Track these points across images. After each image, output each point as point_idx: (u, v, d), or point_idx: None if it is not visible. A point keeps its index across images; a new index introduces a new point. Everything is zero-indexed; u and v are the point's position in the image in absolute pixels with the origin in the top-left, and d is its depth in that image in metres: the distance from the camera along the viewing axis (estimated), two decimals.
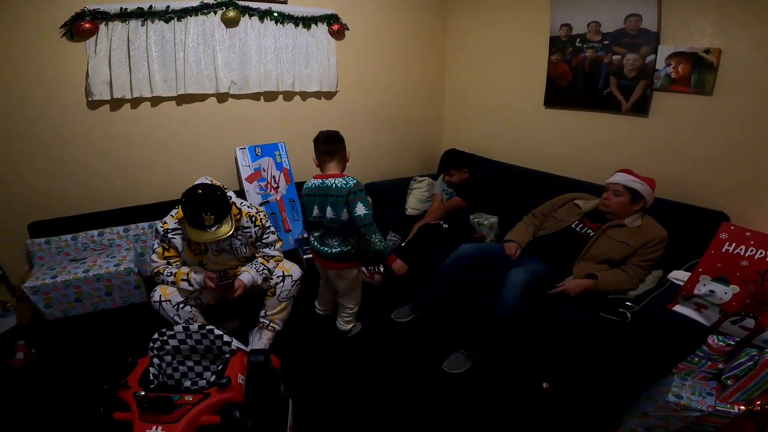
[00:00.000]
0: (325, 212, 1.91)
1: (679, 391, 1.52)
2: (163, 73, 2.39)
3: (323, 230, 1.98)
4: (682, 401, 1.49)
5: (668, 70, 2.12)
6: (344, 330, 2.19)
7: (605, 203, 2.03)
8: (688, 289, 1.59)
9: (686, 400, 1.49)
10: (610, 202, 2.01)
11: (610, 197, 2.01)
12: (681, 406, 1.48)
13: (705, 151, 2.10)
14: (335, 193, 1.86)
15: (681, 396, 1.50)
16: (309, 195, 1.97)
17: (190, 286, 1.80)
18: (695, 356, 1.58)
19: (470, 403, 1.81)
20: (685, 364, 1.60)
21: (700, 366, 1.57)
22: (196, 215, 1.66)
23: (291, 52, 2.71)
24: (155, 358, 1.49)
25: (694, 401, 1.48)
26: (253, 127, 2.80)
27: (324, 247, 1.99)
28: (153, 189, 2.56)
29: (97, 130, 2.36)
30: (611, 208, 2.01)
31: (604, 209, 2.04)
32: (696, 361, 1.58)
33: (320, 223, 1.97)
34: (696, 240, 1.94)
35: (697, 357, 1.58)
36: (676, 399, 1.49)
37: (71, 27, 2.13)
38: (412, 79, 3.35)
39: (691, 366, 1.59)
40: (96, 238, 2.34)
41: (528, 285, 1.90)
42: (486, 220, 2.54)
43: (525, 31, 2.77)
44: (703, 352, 1.57)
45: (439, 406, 1.80)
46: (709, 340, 1.55)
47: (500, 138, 3.12)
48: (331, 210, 1.88)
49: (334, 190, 1.86)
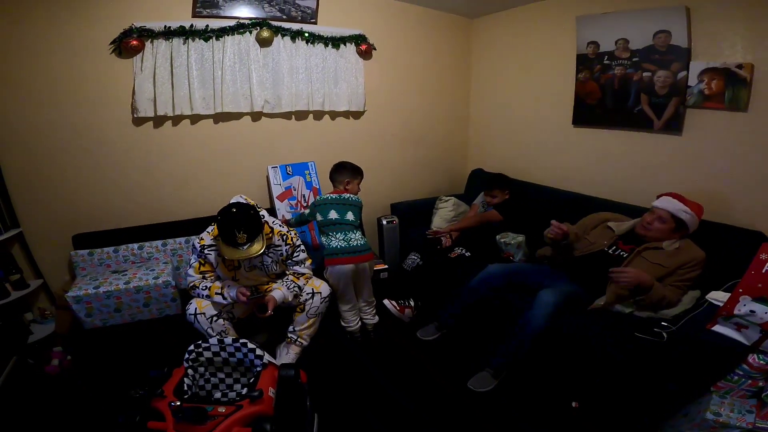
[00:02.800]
0: (345, 215, 2.29)
1: (717, 409, 1.49)
2: (202, 91, 2.51)
3: (343, 231, 2.26)
4: (720, 419, 1.46)
5: (701, 87, 2.08)
6: (374, 323, 2.41)
7: (648, 227, 1.96)
8: (728, 309, 1.55)
9: (725, 418, 1.46)
10: (652, 227, 1.94)
11: (653, 222, 1.94)
12: (720, 423, 1.46)
13: (741, 169, 2.04)
14: (354, 203, 2.35)
15: (720, 414, 1.47)
16: (326, 203, 2.31)
17: (224, 299, 1.87)
18: (735, 375, 1.54)
19: (496, 422, 1.79)
20: (724, 383, 1.55)
21: (740, 384, 1.52)
22: (230, 233, 1.72)
23: (321, 72, 2.79)
24: (190, 369, 1.53)
25: (733, 419, 1.45)
26: (285, 145, 2.88)
27: (354, 243, 2.25)
28: (190, 205, 2.65)
29: (141, 146, 2.48)
30: (654, 234, 1.94)
31: (645, 233, 1.97)
32: (736, 379, 1.54)
33: (333, 225, 2.27)
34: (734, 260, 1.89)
35: (737, 375, 1.54)
36: (715, 417, 1.47)
37: (120, 44, 2.26)
38: (438, 98, 3.38)
39: (730, 384, 1.54)
40: (136, 251, 2.43)
41: (558, 306, 1.87)
42: (513, 239, 2.51)
43: (551, 49, 2.77)
44: (743, 371, 1.52)
45: (464, 424, 1.78)
46: (750, 359, 1.50)
47: (527, 158, 3.10)
48: (352, 214, 2.31)
49: (351, 201, 2.34)
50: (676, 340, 1.71)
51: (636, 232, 2.01)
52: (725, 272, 1.82)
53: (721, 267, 1.87)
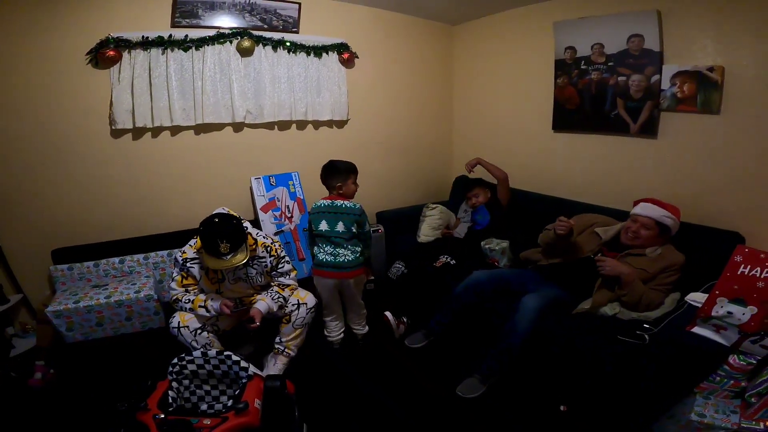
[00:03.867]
0: (334, 227, 2.16)
1: (702, 410, 1.51)
2: (182, 102, 2.48)
3: (332, 245, 2.17)
4: (705, 420, 1.47)
5: (674, 90, 2.12)
6: (363, 333, 2.37)
7: (634, 237, 1.97)
8: (705, 311, 1.58)
9: (710, 419, 1.47)
10: (639, 237, 1.95)
11: (639, 231, 1.95)
12: (704, 424, 1.47)
13: (716, 170, 2.08)
14: (347, 212, 2.18)
15: (704, 415, 1.49)
16: (319, 212, 2.20)
17: (207, 312, 1.86)
18: (717, 375, 1.56)
19: (486, 427, 1.79)
20: (707, 384, 1.58)
21: (723, 385, 1.55)
22: (213, 243, 1.73)
23: (303, 81, 2.79)
24: (174, 382, 1.53)
25: (717, 419, 1.47)
26: (268, 156, 2.86)
27: (340, 258, 2.15)
28: (172, 217, 2.62)
29: (120, 158, 2.44)
30: (640, 242, 1.96)
31: (631, 242, 1.98)
32: (718, 380, 1.56)
33: (323, 237, 2.18)
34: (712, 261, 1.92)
35: (718, 376, 1.56)
36: (699, 418, 1.48)
37: (96, 54, 2.23)
38: (421, 106, 3.41)
39: (713, 385, 1.56)
40: (117, 265, 2.40)
41: (542, 311, 1.89)
42: (497, 245, 2.53)
43: (530, 55, 2.81)
44: (724, 372, 1.55)
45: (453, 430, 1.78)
46: (730, 360, 1.53)
47: (510, 164, 3.05)
48: (343, 224, 2.16)
49: (344, 209, 2.18)
50: (658, 342, 1.73)
51: (622, 243, 2.02)
52: (704, 273, 1.85)
53: (699, 268, 1.90)
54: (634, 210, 2.02)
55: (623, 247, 2.02)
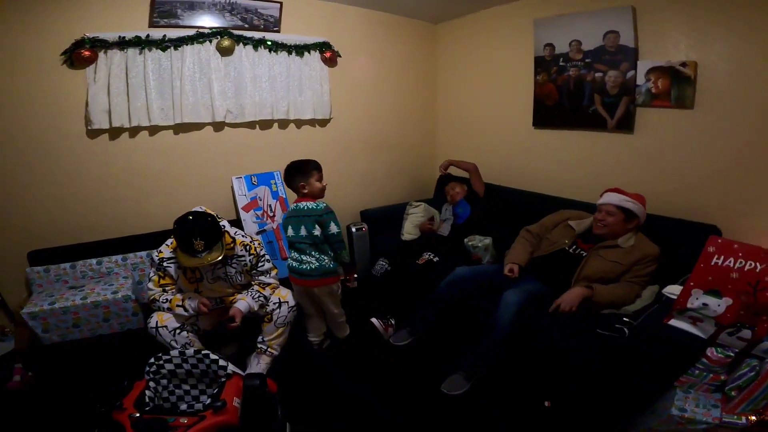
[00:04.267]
0: (298, 232, 2.10)
1: (682, 404, 1.51)
2: (160, 102, 2.45)
3: (296, 250, 2.14)
4: (686, 414, 1.47)
5: (649, 86, 2.16)
6: (345, 335, 2.33)
7: (602, 224, 2.01)
8: (681, 303, 1.58)
9: (690, 413, 1.47)
10: (606, 223, 1.99)
11: (605, 219, 1.99)
12: (685, 419, 1.47)
13: (691, 164, 2.12)
14: (307, 214, 2.09)
15: (685, 409, 1.49)
16: (288, 217, 2.17)
17: (185, 311, 1.84)
18: (696, 369, 1.57)
19: (471, 424, 1.79)
20: (686, 377, 1.58)
21: (702, 378, 1.56)
22: (187, 241, 1.72)
23: (285, 80, 2.77)
24: (151, 382, 1.51)
25: (699, 414, 1.47)
26: (249, 155, 2.84)
27: (303, 266, 2.10)
28: (151, 218, 2.58)
29: (97, 159, 2.40)
30: (608, 229, 1.99)
31: (602, 231, 2.01)
32: (697, 373, 1.57)
33: (290, 243, 2.15)
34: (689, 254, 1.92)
35: (698, 370, 1.57)
36: (680, 412, 1.48)
37: (71, 55, 2.19)
38: (405, 104, 3.41)
39: (692, 379, 1.57)
40: (95, 267, 2.36)
41: (522, 305, 1.90)
42: (480, 242, 2.54)
43: (511, 52, 2.84)
44: (703, 365, 1.55)
45: (439, 427, 1.78)
46: (708, 353, 1.54)
47: (492, 160, 3.14)
48: (305, 228, 2.09)
49: (305, 211, 2.10)
50: (637, 336, 1.74)
51: (594, 234, 2.06)
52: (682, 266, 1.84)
53: (677, 261, 1.91)
54: (598, 201, 2.08)
55: (597, 239, 2.05)
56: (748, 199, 1.96)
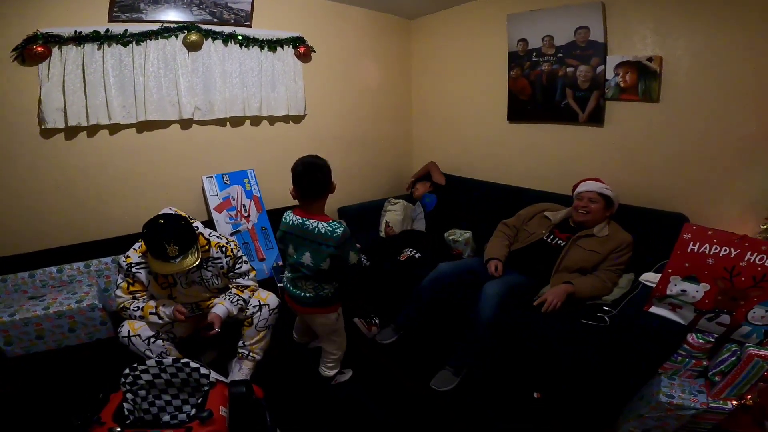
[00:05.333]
0: (301, 257, 1.70)
1: (669, 390, 1.52)
2: (121, 99, 2.31)
3: (292, 271, 1.81)
4: (674, 400, 1.49)
5: (617, 80, 2.22)
6: (326, 376, 1.97)
7: (585, 211, 2.05)
8: (660, 290, 1.62)
9: (678, 399, 1.49)
10: (590, 210, 2.04)
11: (588, 206, 2.04)
12: (674, 405, 1.49)
13: (658, 155, 2.20)
14: (319, 240, 1.64)
15: (672, 395, 1.50)
16: (286, 232, 1.76)
17: (160, 319, 1.72)
18: (678, 355, 1.59)
19: (463, 418, 1.79)
20: (670, 364, 1.61)
21: (685, 365, 1.58)
22: (159, 246, 1.59)
23: (257, 76, 2.69)
24: (128, 393, 1.41)
25: (686, 400, 1.48)
26: (220, 154, 2.73)
27: (296, 290, 1.81)
28: (114, 222, 2.44)
29: (52, 160, 2.24)
30: (591, 215, 2.04)
31: (585, 218, 2.06)
32: (680, 360, 1.59)
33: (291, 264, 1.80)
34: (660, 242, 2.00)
35: (680, 356, 1.59)
36: (668, 399, 1.49)
37: (23, 51, 2.04)
38: (380, 100, 3.39)
39: (676, 365, 1.60)
40: (55, 275, 2.22)
41: (503, 296, 1.92)
42: (461, 236, 2.57)
43: (485, 48, 2.87)
44: (685, 351, 1.58)
45: (431, 424, 1.77)
46: (689, 339, 1.56)
47: (468, 155, 3.18)
48: (310, 257, 1.67)
49: (316, 236, 1.64)
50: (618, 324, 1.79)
51: (575, 221, 2.11)
52: (653, 254, 1.95)
53: (649, 249, 1.99)
54: (577, 190, 2.14)
55: (573, 229, 2.11)
56: (711, 187, 2.06)
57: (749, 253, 1.45)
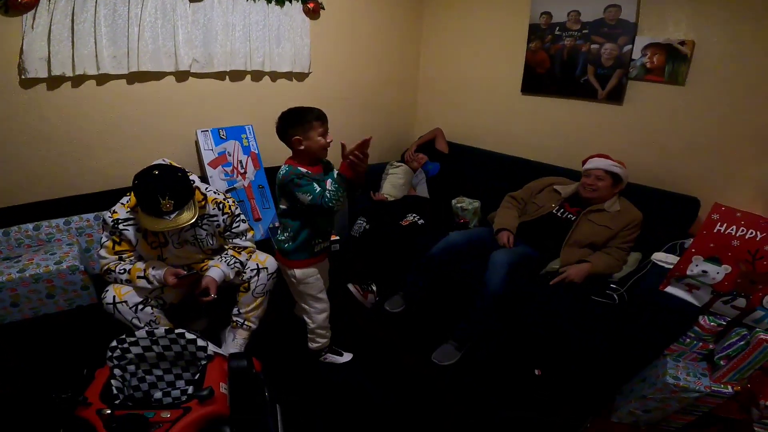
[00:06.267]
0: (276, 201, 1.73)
1: (675, 372, 1.53)
2: (112, 50, 2.13)
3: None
4: (680, 383, 1.49)
5: (644, 60, 2.19)
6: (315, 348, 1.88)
7: (592, 189, 2.05)
8: (680, 270, 1.61)
9: (684, 382, 1.50)
10: (597, 188, 2.03)
11: (596, 183, 2.03)
12: (680, 387, 1.49)
13: (676, 138, 2.18)
14: (277, 181, 1.64)
15: (678, 377, 1.51)
16: None
17: (149, 284, 1.58)
18: (687, 337, 1.59)
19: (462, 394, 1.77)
20: (677, 346, 1.61)
21: (692, 347, 1.59)
22: (152, 200, 1.44)
23: (262, 30, 2.52)
24: (116, 369, 1.30)
25: (691, 382, 1.50)
26: (217, 108, 2.58)
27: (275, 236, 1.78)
28: (99, 175, 2.27)
29: (32, 110, 2.05)
30: (598, 193, 2.03)
31: (591, 195, 2.05)
32: (687, 342, 1.59)
33: None
34: (671, 223, 2.03)
35: (688, 338, 1.59)
36: (675, 380, 1.50)
37: (6, 1, 1.83)
38: (387, 63, 3.27)
39: (682, 347, 1.60)
40: (31, 233, 2.04)
41: (512, 265, 1.89)
42: (470, 205, 2.55)
43: (504, 18, 2.78)
44: (694, 333, 1.58)
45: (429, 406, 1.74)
46: (701, 321, 1.56)
47: (474, 123, 3.12)
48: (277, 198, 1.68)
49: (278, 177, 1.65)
50: (628, 302, 1.78)
51: (583, 197, 2.09)
52: (663, 235, 1.96)
53: (658, 229, 2.00)
54: (585, 166, 2.12)
55: (583, 203, 2.10)
56: (726, 174, 2.06)
57: None
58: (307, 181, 1.55)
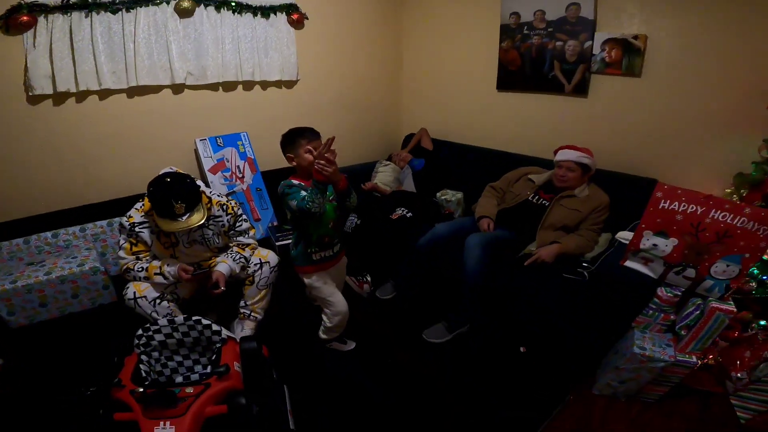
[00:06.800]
0: None
1: (641, 343, 1.64)
2: (111, 65, 2.28)
3: None
4: (646, 352, 1.60)
5: (603, 55, 2.34)
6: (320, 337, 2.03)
7: (563, 179, 2.19)
8: (635, 245, 1.76)
9: (650, 352, 1.60)
10: (567, 178, 2.18)
11: (567, 174, 2.18)
12: (647, 357, 1.60)
13: (636, 126, 2.36)
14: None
15: (645, 348, 1.62)
16: None
17: (165, 279, 1.75)
18: (649, 309, 1.71)
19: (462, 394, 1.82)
20: (642, 318, 1.73)
21: (655, 318, 1.71)
22: (166, 204, 1.62)
23: (250, 42, 2.67)
24: (143, 355, 1.44)
25: (656, 352, 1.60)
26: (213, 117, 2.74)
27: None
28: (107, 186, 2.44)
29: (40, 126, 2.21)
30: (569, 182, 2.18)
31: (563, 185, 2.20)
32: (651, 313, 1.71)
33: None
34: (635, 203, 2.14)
35: (651, 310, 1.71)
36: (641, 350, 1.61)
37: (7, 20, 1.98)
38: (371, 67, 3.41)
39: (647, 319, 1.72)
40: (50, 240, 2.20)
41: (486, 247, 2.04)
42: (453, 196, 2.71)
43: (478, 19, 2.92)
44: (655, 305, 1.70)
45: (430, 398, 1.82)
46: (659, 292, 1.69)
47: (456, 120, 3.28)
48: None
49: None
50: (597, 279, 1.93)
51: (555, 186, 2.25)
52: (629, 214, 2.10)
53: (624, 210, 2.15)
54: (557, 158, 2.25)
55: (555, 189, 2.25)
56: (683, 156, 2.23)
57: (713, 210, 1.60)
58: (295, 190, 1.70)
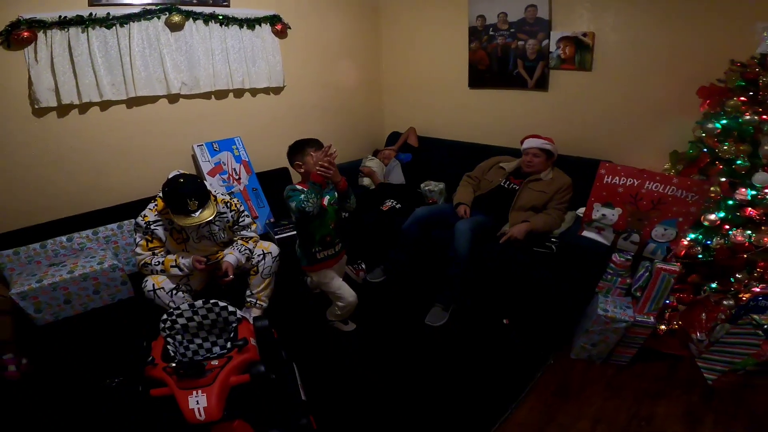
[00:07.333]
0: None
1: (604, 305, 1.85)
2: (110, 78, 2.41)
3: None
4: (609, 314, 1.81)
5: (559, 52, 2.61)
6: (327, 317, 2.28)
7: (530, 165, 2.43)
8: (588, 216, 2.05)
9: (612, 313, 1.80)
10: (533, 163, 2.42)
11: (533, 160, 2.42)
12: (609, 318, 1.80)
13: (591, 115, 2.64)
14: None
15: (607, 310, 1.82)
16: None
17: (181, 271, 1.93)
18: (608, 274, 1.94)
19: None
20: (603, 283, 1.96)
21: (614, 283, 1.93)
22: (181, 202, 1.81)
23: (238, 52, 2.83)
24: (168, 338, 1.56)
25: (618, 313, 1.80)
26: (208, 124, 2.89)
27: None
28: (112, 192, 2.57)
29: (47, 137, 2.33)
30: (535, 167, 2.43)
31: (530, 169, 2.45)
32: (609, 278, 1.94)
33: None
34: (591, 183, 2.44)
35: (609, 275, 1.94)
36: (604, 312, 1.81)
37: (8, 36, 2.10)
38: (352, 72, 3.60)
39: (607, 284, 1.95)
40: (66, 244, 2.32)
41: (474, 231, 2.27)
42: (435, 186, 2.95)
43: (449, 23, 3.14)
44: (612, 269, 1.93)
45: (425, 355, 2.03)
46: (613, 258, 1.93)
47: (434, 117, 3.52)
48: None
49: None
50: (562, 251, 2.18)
51: (524, 171, 2.50)
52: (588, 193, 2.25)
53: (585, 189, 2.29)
54: (523, 146, 2.50)
55: (524, 175, 2.49)
56: (632, 139, 2.52)
57: (647, 182, 1.90)
58: (296, 193, 1.92)
